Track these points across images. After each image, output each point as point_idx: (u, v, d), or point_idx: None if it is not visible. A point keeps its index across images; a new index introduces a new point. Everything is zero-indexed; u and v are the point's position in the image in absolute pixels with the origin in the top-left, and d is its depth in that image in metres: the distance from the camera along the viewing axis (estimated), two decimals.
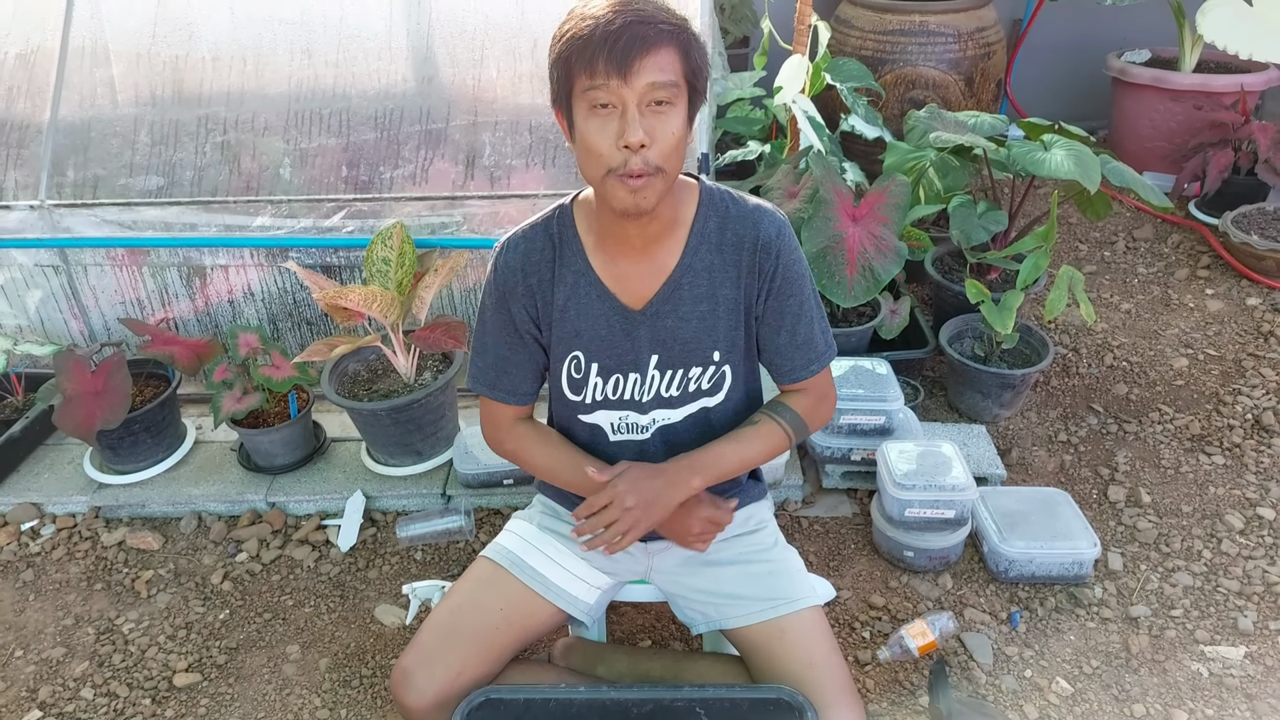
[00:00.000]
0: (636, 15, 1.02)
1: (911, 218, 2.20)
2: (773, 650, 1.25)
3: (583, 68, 1.02)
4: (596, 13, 1.02)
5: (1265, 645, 1.63)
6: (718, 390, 1.27)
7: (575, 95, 1.05)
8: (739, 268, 1.20)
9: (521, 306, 1.23)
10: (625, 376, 1.24)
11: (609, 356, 1.23)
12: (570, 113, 1.08)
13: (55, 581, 1.92)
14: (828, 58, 2.37)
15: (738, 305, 1.22)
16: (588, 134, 1.05)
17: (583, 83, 1.03)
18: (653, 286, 1.20)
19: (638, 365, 1.23)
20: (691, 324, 1.21)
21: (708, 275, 1.20)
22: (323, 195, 2.15)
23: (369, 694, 1.63)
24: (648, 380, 1.24)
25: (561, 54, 1.04)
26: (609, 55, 1.00)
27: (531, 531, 1.38)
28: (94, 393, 1.94)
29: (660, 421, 1.28)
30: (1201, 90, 3.11)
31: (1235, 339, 2.47)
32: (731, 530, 1.37)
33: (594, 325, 1.22)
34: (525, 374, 1.29)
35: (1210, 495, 1.98)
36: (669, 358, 1.23)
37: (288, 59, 2.22)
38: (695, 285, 1.20)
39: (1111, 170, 2.12)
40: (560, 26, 1.06)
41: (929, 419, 2.22)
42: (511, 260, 1.23)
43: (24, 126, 2.24)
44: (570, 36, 1.03)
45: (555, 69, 1.07)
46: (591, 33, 1.01)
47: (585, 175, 1.11)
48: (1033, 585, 1.78)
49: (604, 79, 1.01)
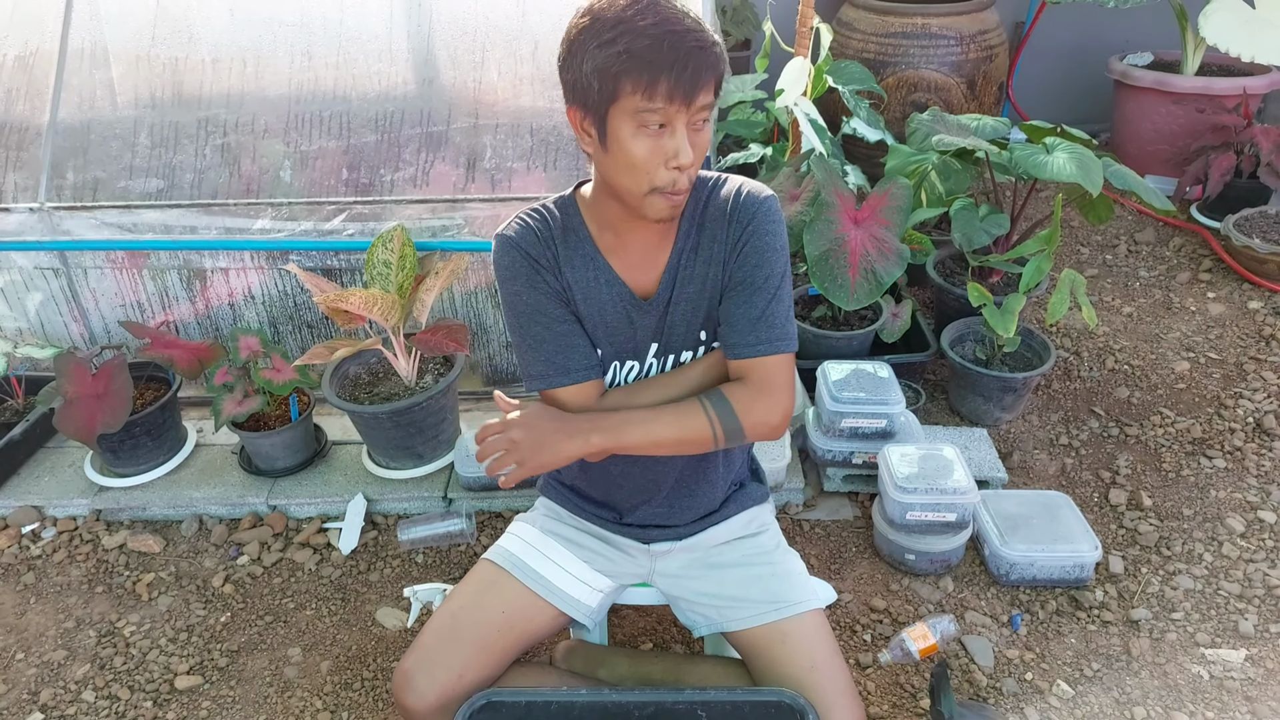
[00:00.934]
0: (696, 40, 0.99)
1: (913, 221, 2.20)
2: (774, 653, 1.25)
3: (641, 88, 0.99)
4: (654, 30, 0.98)
5: (1266, 648, 1.63)
6: None
7: (619, 109, 1.01)
8: (714, 240, 1.18)
9: (545, 279, 1.18)
10: (623, 364, 1.24)
11: (612, 344, 1.22)
12: (605, 121, 1.03)
13: (56, 584, 1.92)
14: (829, 60, 2.37)
15: (717, 282, 1.19)
16: (635, 151, 1.03)
17: (636, 102, 1.00)
18: (655, 276, 1.20)
19: (638, 353, 1.23)
20: (682, 307, 1.21)
21: (692, 255, 1.19)
22: (323, 198, 2.15)
23: (370, 696, 1.63)
24: (645, 368, 1.24)
25: (609, 67, 0.99)
26: (677, 82, 0.98)
27: (533, 534, 1.38)
28: (95, 396, 1.94)
29: None
30: (1204, 93, 3.11)
31: (1237, 342, 2.47)
32: (734, 533, 1.37)
33: (602, 312, 1.20)
34: (588, 344, 1.20)
35: (1211, 498, 1.98)
36: (666, 344, 1.23)
37: (288, 61, 2.22)
38: (689, 267, 1.20)
39: (1114, 173, 2.12)
40: (594, 30, 1.00)
41: (930, 422, 2.22)
42: (523, 240, 1.17)
43: (23, 129, 2.24)
44: (625, 53, 0.98)
45: (597, 79, 1.00)
46: (654, 55, 0.97)
47: (619, 185, 1.08)
48: (1034, 588, 1.78)
49: (665, 103, 1.00)
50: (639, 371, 1.25)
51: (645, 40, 0.98)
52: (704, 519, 1.36)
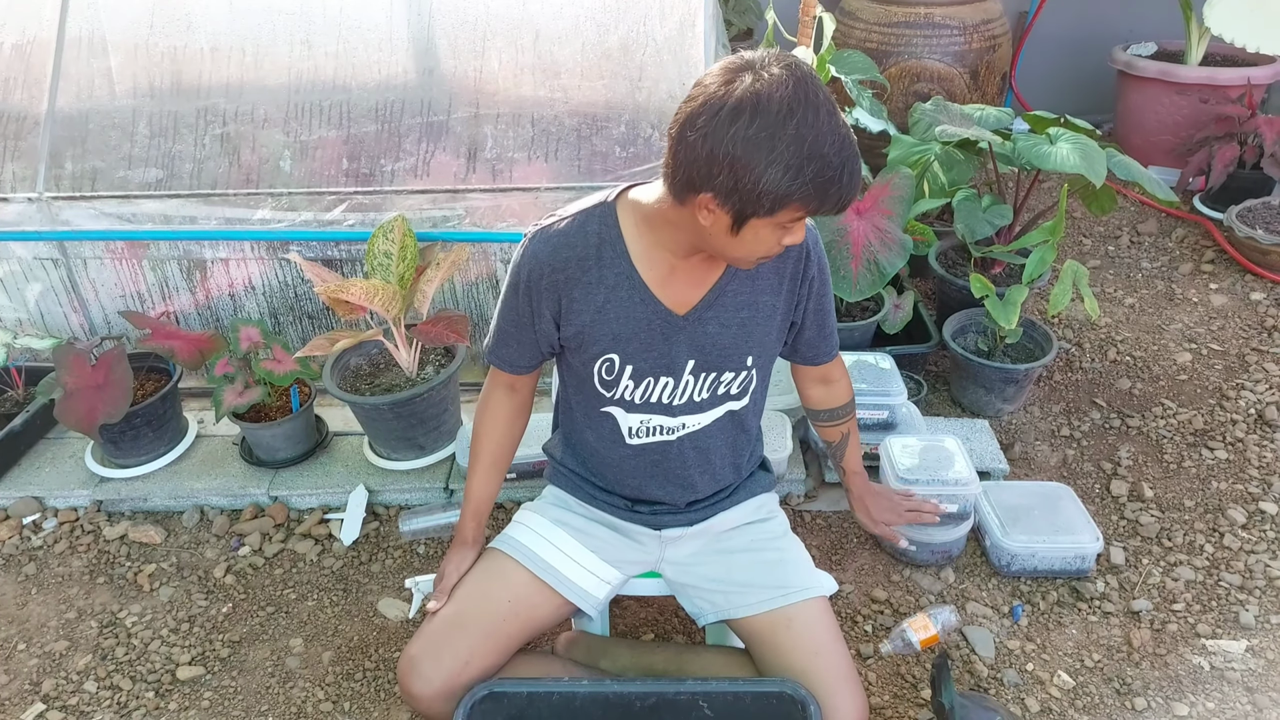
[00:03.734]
0: (854, 155, 0.99)
1: (916, 212, 2.19)
2: (779, 639, 1.26)
3: (806, 205, 1.00)
4: (836, 159, 0.97)
5: (1267, 639, 1.63)
6: (744, 394, 1.29)
7: (774, 216, 1.00)
8: (781, 275, 1.23)
9: (545, 301, 1.21)
10: (657, 380, 1.24)
11: (645, 360, 1.22)
12: (746, 221, 1.01)
13: (58, 575, 1.92)
14: (832, 50, 2.35)
15: (775, 311, 1.24)
16: (763, 240, 1.05)
17: (794, 213, 1.01)
18: (698, 293, 1.20)
19: (672, 370, 1.23)
20: (732, 330, 1.22)
21: (750, 282, 1.21)
22: (323, 188, 2.14)
23: (372, 687, 1.63)
24: (681, 384, 1.24)
25: (789, 193, 0.97)
26: (838, 203, 1.01)
27: (542, 523, 1.38)
28: (95, 387, 1.93)
29: (691, 426, 1.28)
30: (1208, 84, 3.10)
31: (1239, 334, 2.46)
32: (744, 518, 1.38)
33: (634, 328, 1.20)
34: (523, 353, 1.30)
35: (1213, 490, 1.98)
36: (705, 362, 1.23)
37: (287, 50, 2.20)
38: (739, 292, 1.21)
39: (1117, 164, 2.11)
40: (769, 144, 0.94)
41: (932, 414, 2.22)
42: (541, 253, 1.19)
43: (21, 118, 2.23)
44: (812, 183, 0.96)
45: (768, 200, 0.97)
46: (830, 185, 0.98)
47: (723, 254, 1.10)
48: (1035, 579, 1.78)
49: (815, 212, 1.02)
50: (674, 387, 1.24)
51: (831, 171, 0.97)
52: (715, 504, 1.36)
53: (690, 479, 1.32)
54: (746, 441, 1.36)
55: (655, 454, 1.30)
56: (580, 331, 1.21)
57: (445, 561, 1.37)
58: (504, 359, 1.31)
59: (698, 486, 1.33)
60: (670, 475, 1.31)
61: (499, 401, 1.37)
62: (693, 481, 1.32)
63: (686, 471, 1.31)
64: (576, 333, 1.22)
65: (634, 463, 1.31)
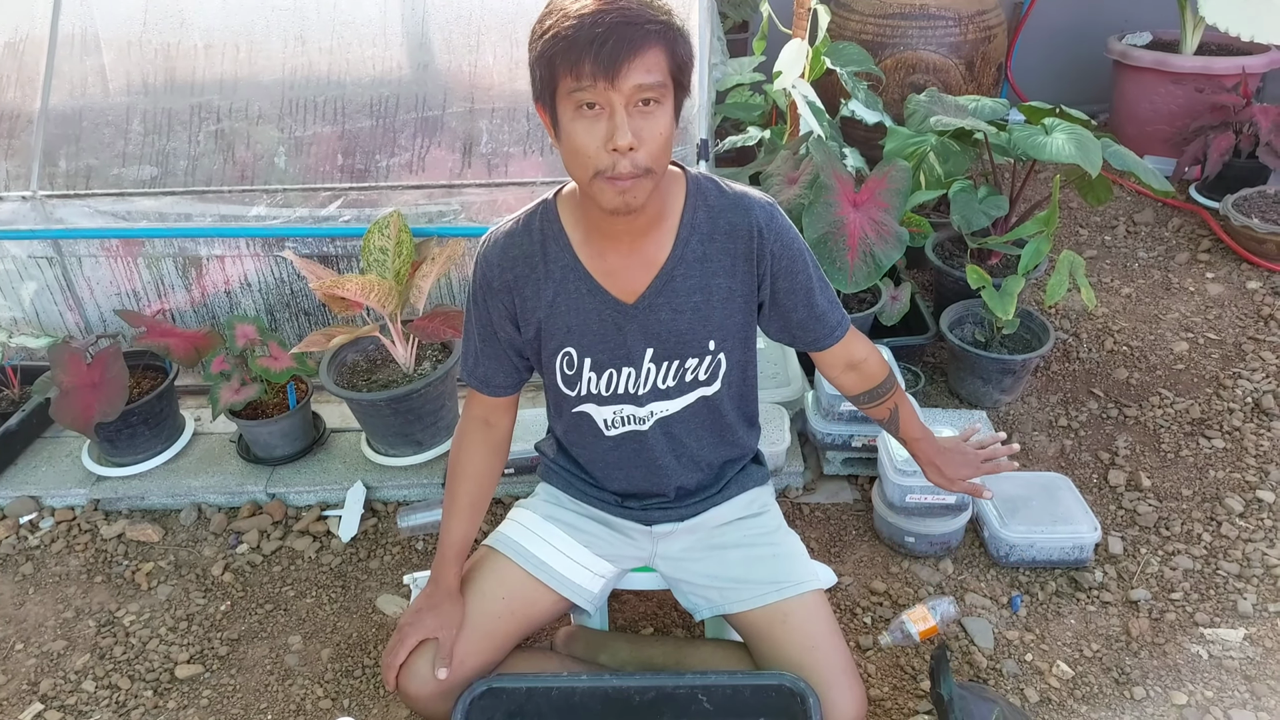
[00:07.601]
0: (622, 15, 0.98)
1: (912, 203, 2.19)
2: (776, 634, 1.26)
3: (568, 69, 1.00)
4: (581, 10, 0.99)
5: (1264, 628, 1.64)
6: (714, 379, 1.27)
7: (560, 95, 1.03)
8: (733, 256, 1.20)
9: (499, 302, 1.23)
10: (619, 371, 1.24)
11: (601, 351, 1.22)
12: (554, 110, 1.05)
13: (55, 574, 1.92)
14: (827, 42, 2.35)
15: (733, 294, 1.22)
16: (574, 135, 1.03)
17: (568, 84, 1.01)
18: (644, 280, 1.19)
19: (631, 359, 1.23)
20: (685, 315, 1.20)
21: (700, 266, 1.19)
22: (319, 184, 2.13)
23: (371, 684, 1.63)
24: (643, 374, 1.24)
25: (544, 52, 1.01)
26: (595, 58, 0.98)
27: (535, 520, 1.38)
28: (91, 385, 1.93)
29: (659, 414, 1.28)
30: (1203, 73, 3.09)
31: (1235, 323, 2.46)
32: (736, 513, 1.38)
33: (585, 320, 1.21)
34: (497, 368, 1.29)
35: (1210, 479, 1.99)
36: (663, 350, 1.22)
37: (281, 46, 2.19)
38: (688, 277, 1.19)
39: (1113, 154, 2.10)
40: (540, 22, 1.03)
41: (930, 405, 2.22)
42: (490, 255, 1.22)
43: (14, 116, 2.22)
44: (553, 35, 1.00)
45: (538, 67, 1.03)
46: (576, 33, 0.98)
47: (572, 174, 1.09)
48: (1033, 569, 1.78)
49: (590, 81, 0.99)
50: (636, 377, 1.24)
51: (570, 21, 0.99)
52: (705, 499, 1.36)
53: (668, 466, 1.31)
54: (728, 430, 1.34)
55: (633, 443, 1.29)
56: (538, 330, 1.23)
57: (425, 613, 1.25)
58: (480, 378, 1.30)
59: (678, 475, 1.32)
60: (650, 465, 1.31)
61: (475, 440, 1.34)
62: (671, 469, 1.31)
63: (664, 459, 1.30)
64: (536, 333, 1.23)
65: (615, 455, 1.31)
